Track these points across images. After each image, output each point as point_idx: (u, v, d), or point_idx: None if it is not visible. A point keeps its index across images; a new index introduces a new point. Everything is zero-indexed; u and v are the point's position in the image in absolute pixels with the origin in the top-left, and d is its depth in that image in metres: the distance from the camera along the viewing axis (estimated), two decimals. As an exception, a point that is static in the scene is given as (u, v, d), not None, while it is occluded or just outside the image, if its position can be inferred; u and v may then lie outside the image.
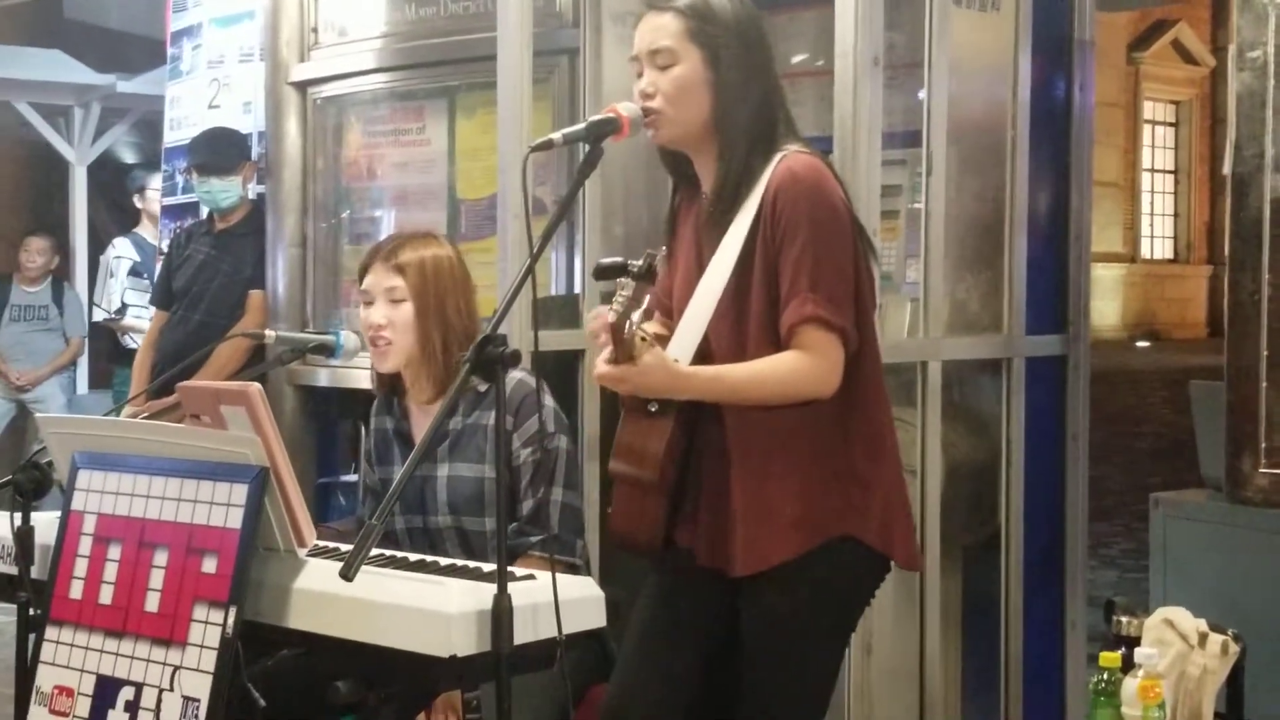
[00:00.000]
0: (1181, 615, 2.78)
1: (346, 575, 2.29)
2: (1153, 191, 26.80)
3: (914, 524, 2.83)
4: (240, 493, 2.55)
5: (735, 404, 2.69)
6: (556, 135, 2.65)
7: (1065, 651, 3.62)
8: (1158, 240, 26.94)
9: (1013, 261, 3.56)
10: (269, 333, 3.32)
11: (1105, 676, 2.69)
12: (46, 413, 8.62)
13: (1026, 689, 3.62)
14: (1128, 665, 2.68)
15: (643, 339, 2.50)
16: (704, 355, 2.71)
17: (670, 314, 2.87)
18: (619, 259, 2.44)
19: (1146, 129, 26.41)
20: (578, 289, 3.91)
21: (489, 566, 2.65)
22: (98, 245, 10.13)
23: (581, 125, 2.67)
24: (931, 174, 3.32)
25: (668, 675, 2.83)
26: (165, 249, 6.11)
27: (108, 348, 8.03)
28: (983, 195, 3.61)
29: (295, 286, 5.03)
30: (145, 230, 8.09)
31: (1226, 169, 2.94)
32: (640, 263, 2.43)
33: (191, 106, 6.85)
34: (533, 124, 3.91)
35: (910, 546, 2.81)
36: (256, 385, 2.62)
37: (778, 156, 2.70)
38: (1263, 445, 2.92)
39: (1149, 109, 26.36)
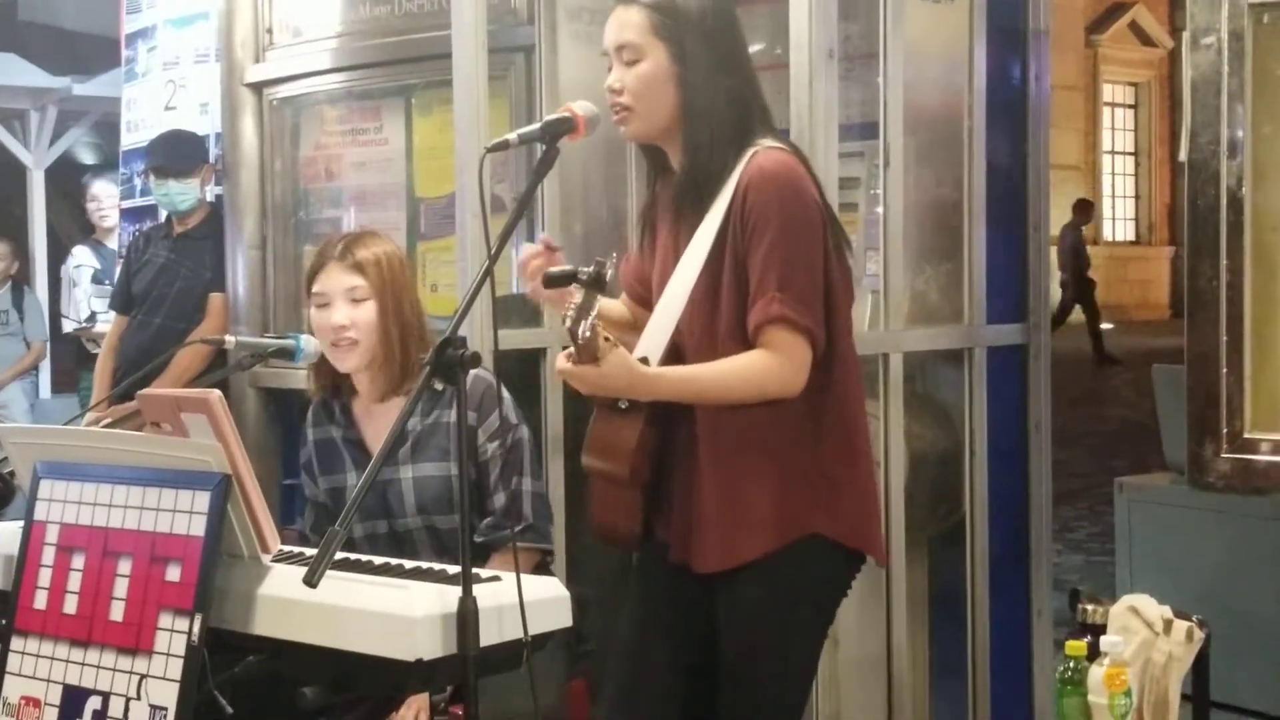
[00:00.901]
0: (1146, 602, 2.79)
1: (310, 582, 2.29)
2: (1113, 174, 26.94)
3: (881, 517, 2.84)
4: (203, 500, 2.54)
5: (703, 403, 2.70)
6: (512, 136, 2.65)
7: (1032, 639, 3.63)
8: (1119, 222, 27.08)
9: (972, 252, 3.58)
10: (229, 338, 3.31)
11: (1071, 665, 2.71)
12: (8, 417, 8.68)
13: (994, 677, 3.64)
14: (1093, 653, 2.70)
15: (605, 339, 2.50)
16: (675, 349, 2.72)
17: (646, 303, 2.89)
18: (568, 268, 2.43)
19: (1106, 111, 26.55)
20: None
21: (456, 568, 2.64)
22: (58, 249, 10.09)
23: (537, 125, 2.67)
24: (889, 166, 3.32)
25: (659, 691, 2.86)
26: (123, 252, 6.10)
27: (73, 350, 7.98)
28: (941, 186, 3.63)
29: (255, 289, 5.02)
30: (102, 236, 8.05)
31: (1183, 156, 2.96)
32: (590, 269, 2.42)
33: (148, 108, 6.82)
34: (490, 122, 3.90)
35: (881, 542, 2.85)
36: (217, 392, 2.62)
37: (750, 151, 2.70)
38: (1224, 430, 2.94)
39: (1108, 91, 26.50)
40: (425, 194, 4.68)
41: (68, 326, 8.82)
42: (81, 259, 7.88)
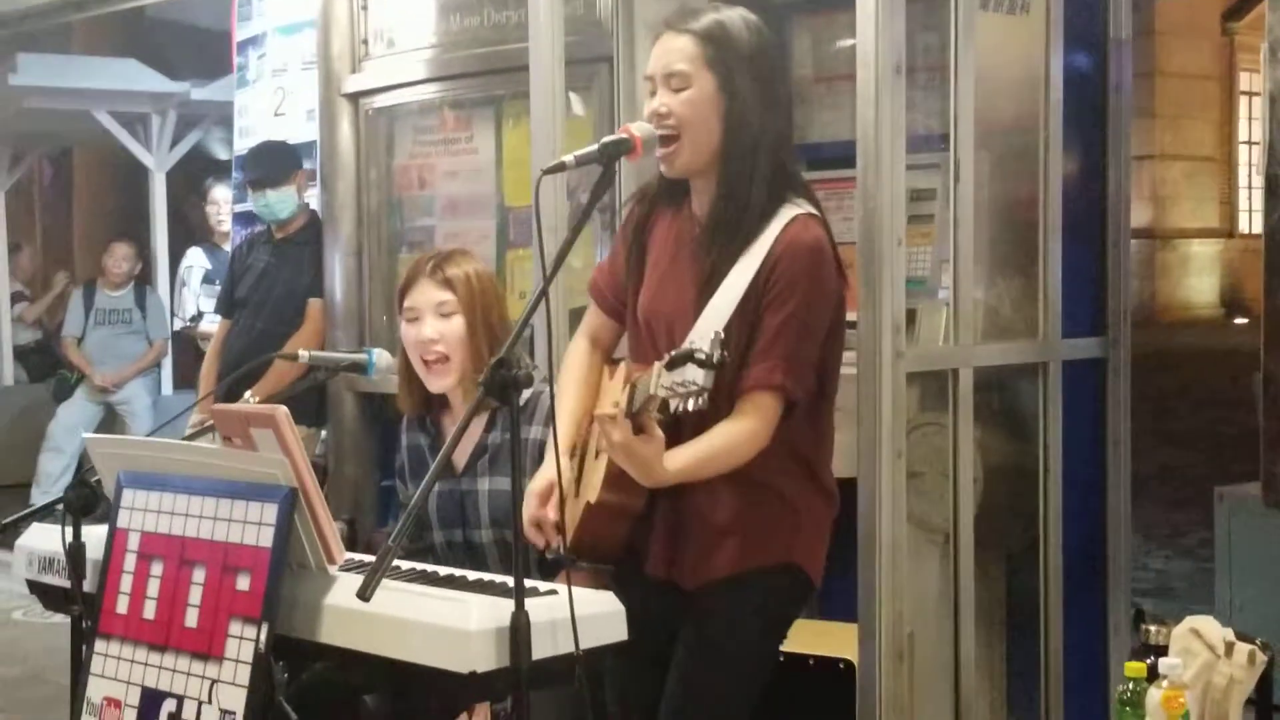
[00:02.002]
0: (1209, 624, 2.77)
1: (364, 595, 2.35)
2: (1250, 165, 26.30)
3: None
4: (271, 512, 2.62)
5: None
6: (569, 158, 2.70)
7: (1109, 656, 3.61)
8: (1258, 215, 26.43)
9: (1047, 265, 3.56)
10: (302, 353, 3.40)
11: (1130, 686, 2.69)
12: (131, 413, 8.94)
13: (1069, 694, 3.62)
14: (1153, 675, 2.69)
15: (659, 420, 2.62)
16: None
17: (618, 315, 3.01)
18: (691, 348, 2.49)
19: (1243, 101, 25.93)
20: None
21: (529, 582, 2.70)
22: (179, 251, 10.35)
23: (594, 146, 2.71)
24: (959, 180, 3.32)
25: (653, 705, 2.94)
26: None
27: (194, 348, 8.20)
28: (1016, 198, 3.61)
29: (352, 295, 5.15)
30: (219, 239, 8.24)
31: (1260, 166, 2.92)
32: (715, 353, 2.48)
33: (258, 115, 6.98)
34: (572, 133, 3.97)
35: (821, 573, 2.97)
36: (283, 409, 2.70)
37: (788, 213, 2.77)
38: (1298, 449, 2.91)
39: (1245, 80, 25.87)
40: (514, 203, 4.77)
41: (176, 325, 9.06)
42: (194, 260, 8.08)
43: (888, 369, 3.15)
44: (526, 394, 3.27)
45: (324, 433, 5.46)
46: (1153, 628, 2.84)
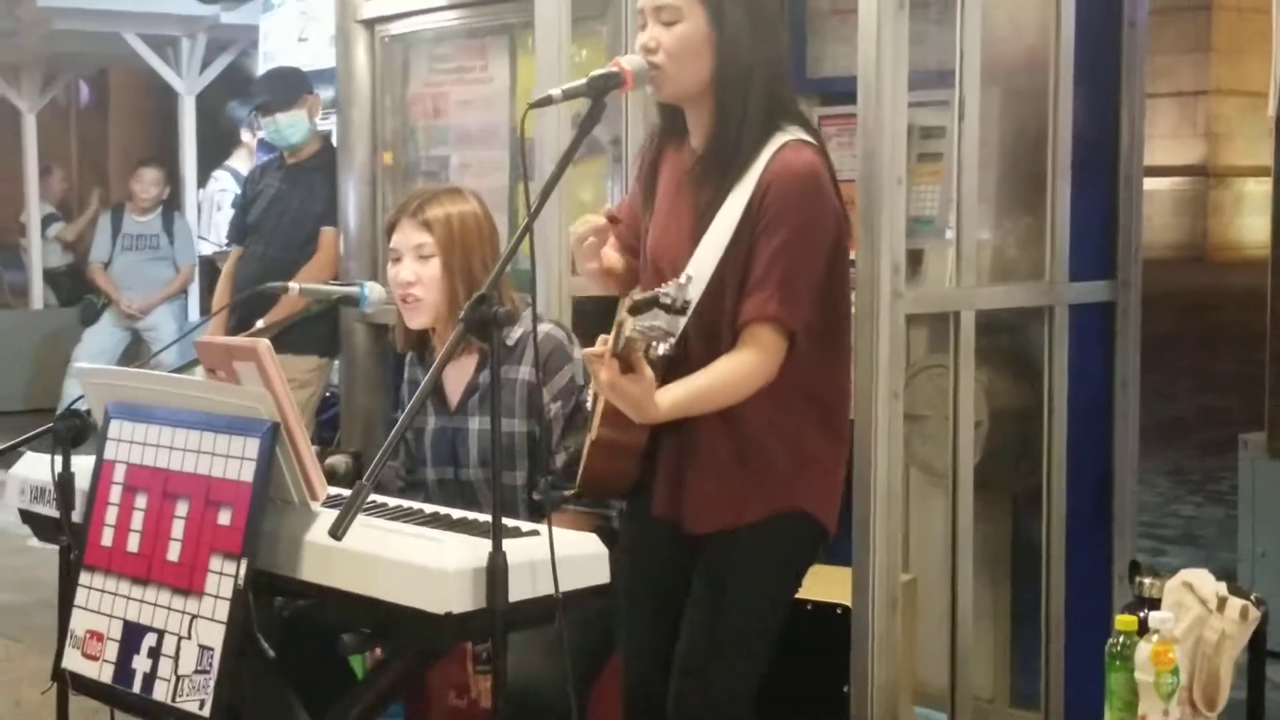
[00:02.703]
0: (1202, 578, 2.74)
1: (335, 534, 2.35)
2: (1309, 102, 25.91)
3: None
4: (253, 446, 2.62)
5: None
6: (556, 91, 2.67)
7: (1113, 604, 3.58)
8: (1314, 153, 26.03)
9: (1055, 206, 3.49)
10: (293, 285, 3.38)
11: (1121, 640, 2.67)
12: (158, 340, 8.98)
13: (1072, 642, 3.59)
14: (1145, 628, 2.66)
15: (654, 355, 2.58)
16: (693, 335, 2.79)
17: (636, 253, 2.97)
18: (650, 294, 2.47)
19: (1301, 35, 25.52)
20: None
21: (511, 522, 2.69)
22: (207, 174, 10.35)
23: (583, 80, 2.67)
24: (964, 118, 3.26)
25: (667, 635, 2.92)
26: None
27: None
28: (1026, 137, 3.55)
29: (366, 225, 5.10)
30: (239, 162, 8.24)
31: (1271, 110, 2.86)
32: (675, 296, 2.46)
33: (281, 40, 6.97)
34: (586, 62, 3.92)
35: (836, 518, 2.94)
36: (265, 341, 2.69)
37: (779, 139, 2.74)
38: (1304, 399, 2.85)
39: (1304, 13, 25.43)
40: (530, 133, 4.72)
41: (206, 249, 9.06)
42: (224, 183, 8.07)
43: (885, 310, 3.11)
44: (517, 333, 3.26)
45: (336, 363, 5.47)
46: (1146, 580, 2.81)
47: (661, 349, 2.52)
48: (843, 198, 2.80)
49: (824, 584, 3.35)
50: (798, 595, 2.96)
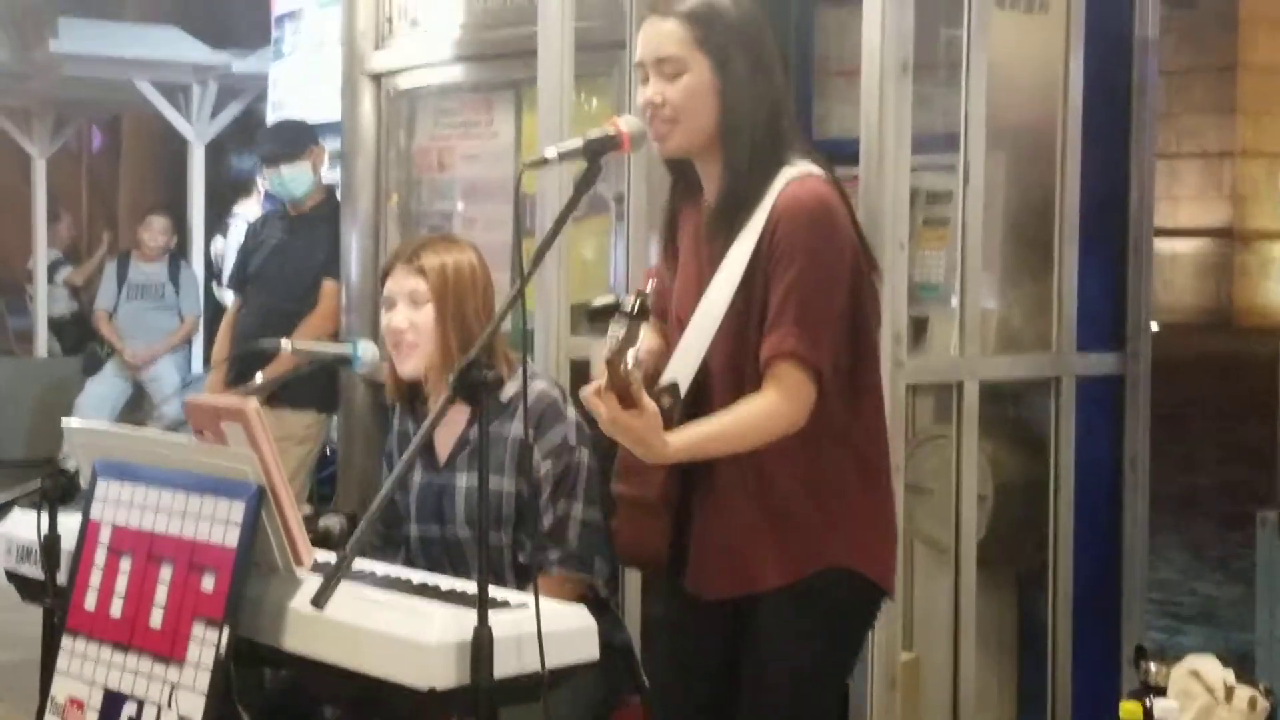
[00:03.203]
0: (1210, 666, 2.71)
1: (317, 603, 2.33)
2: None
3: (897, 552, 2.85)
4: (238, 510, 2.60)
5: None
6: (551, 152, 2.65)
7: (1121, 686, 3.53)
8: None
9: (1063, 275, 3.48)
10: (285, 343, 3.37)
11: (1126, 728, 2.64)
12: (160, 391, 8.98)
13: (1080, 718, 3.56)
14: (1150, 717, 2.63)
15: (639, 385, 2.50)
16: (703, 374, 2.72)
17: (665, 317, 2.89)
18: (609, 300, 2.45)
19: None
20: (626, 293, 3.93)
21: (500, 593, 2.66)
22: (215, 222, 10.38)
23: (579, 141, 2.66)
24: (969, 183, 3.25)
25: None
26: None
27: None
28: (1032, 203, 3.54)
29: (368, 277, 5.14)
30: (254, 210, 8.25)
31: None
32: (633, 301, 2.43)
33: (291, 89, 7.01)
34: (597, 110, 3.93)
35: (894, 576, 2.84)
36: (253, 402, 2.67)
37: (785, 174, 2.69)
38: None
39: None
40: (531, 190, 4.73)
41: (227, 299, 9.06)
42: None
43: (886, 380, 3.05)
44: (511, 390, 3.24)
45: (335, 418, 5.46)
46: (1152, 666, 2.78)
47: (631, 362, 2.44)
48: (861, 229, 2.74)
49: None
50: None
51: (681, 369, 2.71)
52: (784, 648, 2.72)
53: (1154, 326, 3.84)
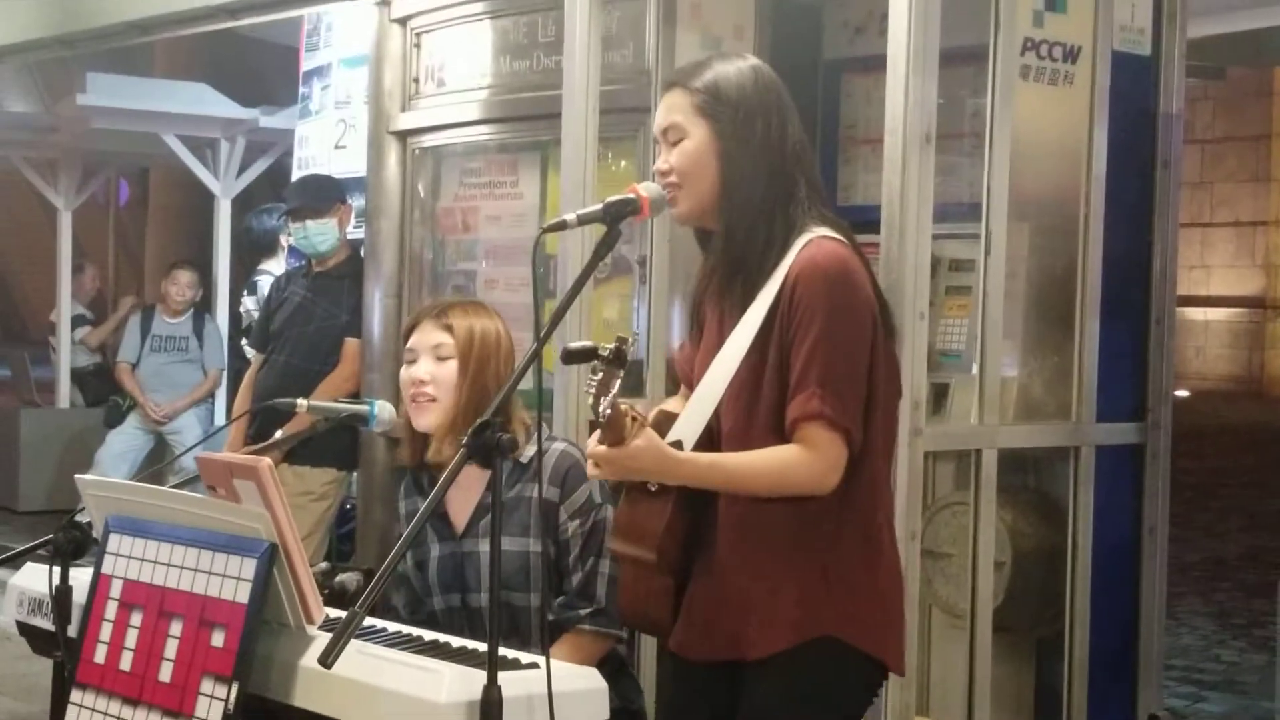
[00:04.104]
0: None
1: (324, 662, 2.34)
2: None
3: (905, 626, 2.82)
4: (250, 567, 2.62)
5: (730, 492, 2.72)
6: (571, 216, 2.70)
7: (1140, 757, 3.53)
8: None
9: (1084, 345, 3.49)
10: (301, 402, 3.39)
11: (1139, 797, 2.63)
12: (182, 444, 9.01)
13: (1098, 794, 3.55)
14: (1163, 787, 2.62)
15: (632, 418, 2.54)
16: (711, 435, 2.74)
17: (691, 385, 2.89)
18: (588, 344, 2.48)
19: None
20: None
21: (510, 653, 2.67)
22: (241, 278, 10.43)
23: (599, 206, 2.70)
24: (990, 253, 3.27)
25: None
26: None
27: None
28: (1055, 273, 3.56)
29: (390, 336, 5.16)
30: (280, 267, 8.30)
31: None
32: (610, 346, 2.46)
33: (318, 146, 7.07)
34: (624, 171, 3.96)
35: (900, 651, 2.81)
36: (266, 461, 2.69)
37: (803, 239, 2.71)
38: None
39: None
40: (555, 250, 4.76)
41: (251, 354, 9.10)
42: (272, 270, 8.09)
43: (904, 447, 3.09)
44: (530, 451, 3.26)
45: (354, 475, 5.48)
46: (1166, 736, 2.77)
47: (604, 404, 2.47)
48: (881, 293, 2.75)
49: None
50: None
51: (686, 429, 2.74)
52: (776, 711, 2.72)
53: (1184, 393, 3.84)
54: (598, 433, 2.57)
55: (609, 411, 2.48)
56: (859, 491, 2.71)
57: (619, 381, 2.46)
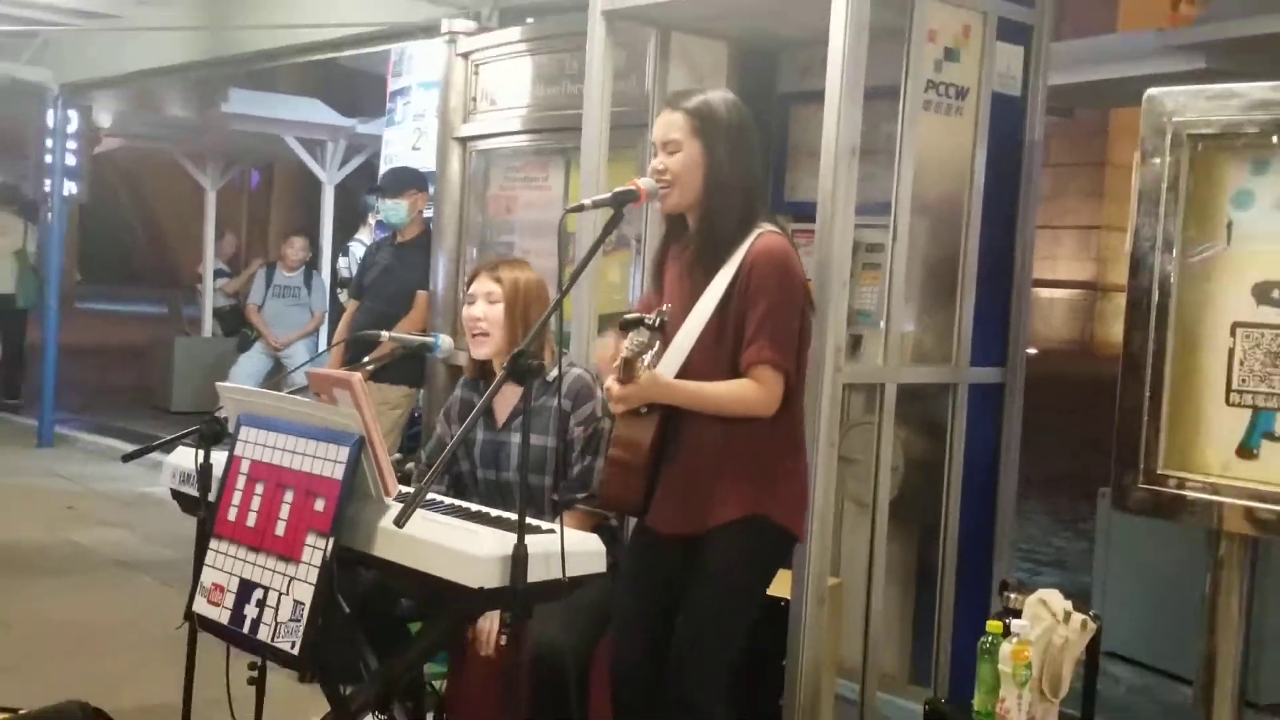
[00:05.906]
0: (1054, 596, 2.72)
1: (399, 523, 2.35)
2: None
3: (808, 509, 2.92)
4: (343, 453, 2.62)
5: (703, 411, 2.76)
6: (588, 201, 2.72)
7: (991, 611, 3.54)
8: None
9: (963, 309, 3.49)
10: (384, 334, 3.39)
11: (989, 639, 2.66)
12: (294, 367, 8.98)
13: (960, 643, 3.54)
14: (1008, 632, 2.64)
15: (645, 368, 2.61)
16: (684, 373, 2.78)
17: None
18: (639, 314, 2.54)
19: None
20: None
21: (534, 521, 2.68)
22: (339, 243, 10.40)
23: (608, 194, 2.71)
24: (896, 240, 3.26)
25: (647, 624, 2.90)
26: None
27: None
28: (943, 255, 3.55)
29: (450, 291, 5.18)
30: (367, 236, 8.26)
31: (1127, 249, 2.87)
32: (653, 318, 2.56)
33: (400, 148, 7.02)
34: (617, 180, 3.94)
35: (805, 526, 2.91)
36: (358, 376, 2.69)
37: (756, 232, 2.77)
38: (1141, 467, 2.84)
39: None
40: (572, 228, 4.75)
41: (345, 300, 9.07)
42: (360, 253, 8.05)
43: (828, 381, 3.10)
44: (554, 373, 3.26)
45: (421, 391, 5.49)
46: (1012, 595, 2.79)
47: (647, 359, 2.57)
48: (806, 274, 2.81)
49: (776, 582, 3.33)
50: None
51: (667, 367, 2.77)
52: (717, 571, 2.78)
53: (1033, 351, 3.84)
54: (612, 376, 2.60)
55: (626, 357, 2.53)
56: (789, 411, 2.79)
57: (658, 342, 2.54)
